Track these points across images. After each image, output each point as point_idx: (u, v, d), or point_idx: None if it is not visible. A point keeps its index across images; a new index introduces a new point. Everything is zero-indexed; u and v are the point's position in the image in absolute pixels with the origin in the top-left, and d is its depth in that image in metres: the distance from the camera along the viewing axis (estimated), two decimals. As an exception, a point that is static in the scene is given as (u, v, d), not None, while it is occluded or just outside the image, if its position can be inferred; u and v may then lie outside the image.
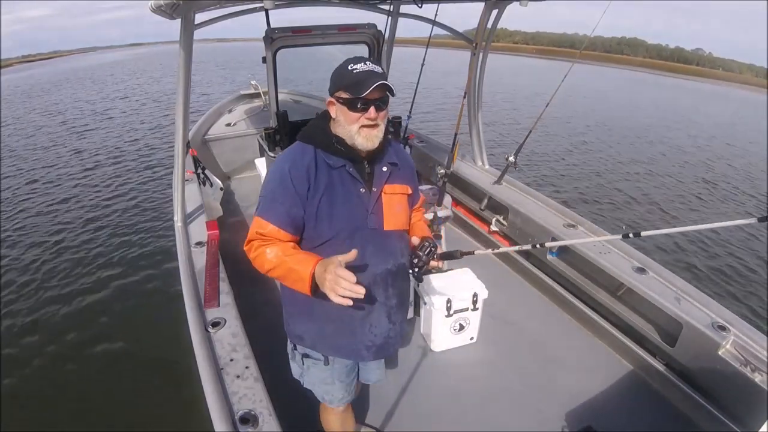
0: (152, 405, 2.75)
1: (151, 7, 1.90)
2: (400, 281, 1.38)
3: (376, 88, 1.14)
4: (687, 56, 69.93)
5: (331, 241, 1.24)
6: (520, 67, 31.01)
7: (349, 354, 1.40)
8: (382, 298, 1.32)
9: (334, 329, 1.34)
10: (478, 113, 3.40)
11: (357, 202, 1.26)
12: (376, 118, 1.20)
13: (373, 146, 1.23)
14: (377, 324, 1.35)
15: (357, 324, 1.33)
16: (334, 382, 1.48)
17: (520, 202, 3.06)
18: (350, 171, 1.25)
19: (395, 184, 1.33)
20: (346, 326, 1.33)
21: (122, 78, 23.97)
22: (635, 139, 11.16)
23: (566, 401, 2.12)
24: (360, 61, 1.19)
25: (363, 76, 1.15)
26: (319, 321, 1.34)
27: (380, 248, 1.29)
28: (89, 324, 3.63)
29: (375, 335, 1.35)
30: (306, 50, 3.17)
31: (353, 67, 1.18)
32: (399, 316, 1.42)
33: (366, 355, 1.38)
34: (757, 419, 1.53)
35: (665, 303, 2.08)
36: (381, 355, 1.42)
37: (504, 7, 2.90)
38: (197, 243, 2.36)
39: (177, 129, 2.42)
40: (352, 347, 1.37)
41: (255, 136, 4.40)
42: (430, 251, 1.30)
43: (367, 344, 1.36)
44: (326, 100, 1.28)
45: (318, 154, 1.26)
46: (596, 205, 6.53)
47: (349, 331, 1.34)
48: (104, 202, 6.17)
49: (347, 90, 1.17)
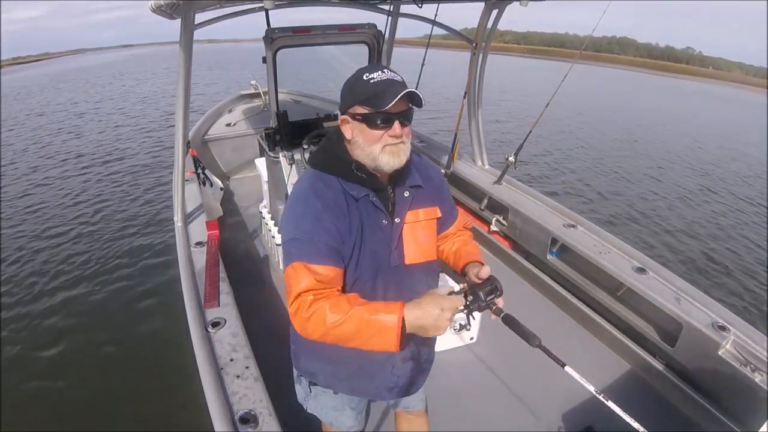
0: (152, 405, 2.75)
1: (151, 7, 1.90)
2: None
3: (400, 100, 0.96)
4: (677, 55, 70.15)
5: (352, 285, 1.08)
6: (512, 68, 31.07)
7: (369, 395, 1.31)
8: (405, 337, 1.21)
9: (352, 372, 1.22)
10: (478, 113, 3.40)
11: (381, 238, 1.09)
12: (401, 136, 1.01)
13: (400, 164, 1.05)
14: (400, 366, 1.22)
15: (377, 368, 1.21)
16: (345, 409, 1.36)
17: (520, 202, 3.06)
18: (374, 201, 1.07)
19: (419, 209, 1.15)
20: (365, 370, 1.21)
21: (115, 79, 23.91)
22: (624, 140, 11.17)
23: (566, 401, 2.11)
24: (376, 69, 1.01)
25: (383, 87, 0.97)
26: (334, 363, 1.21)
27: (402, 286, 1.13)
28: (89, 324, 3.63)
29: (398, 377, 1.23)
30: (306, 50, 3.17)
31: (369, 76, 1.00)
32: (423, 353, 1.28)
33: (387, 396, 1.27)
34: (757, 419, 1.53)
35: (665, 303, 2.08)
36: (404, 393, 1.30)
37: (504, 7, 2.90)
38: (197, 243, 2.36)
39: (177, 129, 2.42)
40: (372, 390, 1.27)
41: (255, 136, 4.39)
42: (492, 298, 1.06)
43: (389, 386, 1.24)
44: (337, 116, 1.11)
45: (341, 184, 1.07)
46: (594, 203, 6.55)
47: (369, 375, 1.22)
48: (104, 201, 6.16)
49: (365, 104, 0.99)
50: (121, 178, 7.12)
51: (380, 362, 1.19)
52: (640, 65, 50.85)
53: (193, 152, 3.60)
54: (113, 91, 18.54)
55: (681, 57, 68.76)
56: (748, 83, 43.22)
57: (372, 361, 1.18)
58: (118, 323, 3.63)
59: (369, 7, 3.06)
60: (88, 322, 3.65)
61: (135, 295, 3.98)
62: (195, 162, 3.42)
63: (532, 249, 2.97)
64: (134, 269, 4.39)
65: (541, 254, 2.87)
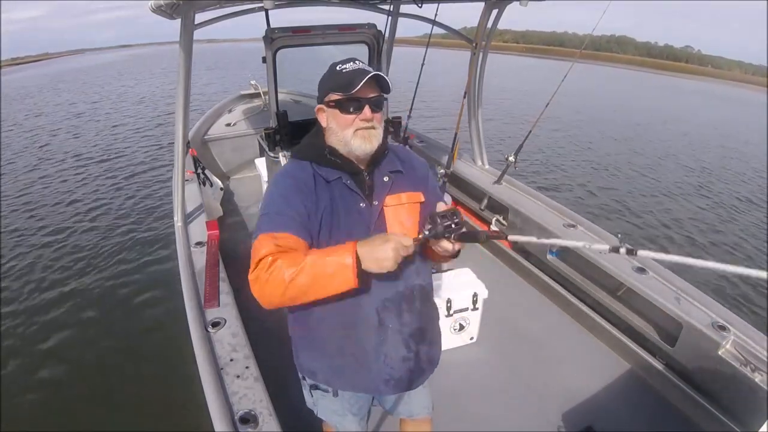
0: (152, 405, 2.75)
1: (151, 7, 1.90)
2: (418, 305, 1.22)
3: (369, 85, 1.06)
4: (676, 53, 70.31)
5: None
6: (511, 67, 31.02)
7: (367, 389, 1.28)
8: (395, 324, 1.18)
9: (348, 364, 1.21)
10: (478, 113, 3.40)
11: (357, 219, 1.12)
12: (372, 119, 1.10)
13: (372, 148, 1.11)
14: (393, 355, 1.20)
15: (371, 357, 1.19)
16: (346, 414, 1.36)
17: (520, 202, 3.06)
18: (347, 183, 1.13)
19: (400, 193, 1.18)
20: (360, 360, 1.20)
21: (114, 79, 23.92)
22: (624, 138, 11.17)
23: (566, 401, 2.12)
24: (349, 61, 1.11)
25: (354, 75, 1.07)
26: (331, 356, 1.22)
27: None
28: (88, 323, 3.63)
29: (392, 368, 1.21)
30: (306, 50, 3.17)
31: (342, 67, 1.10)
32: (422, 345, 1.25)
33: (384, 390, 1.24)
34: (757, 419, 1.53)
35: (665, 303, 2.08)
36: (402, 388, 1.26)
37: (504, 7, 2.90)
38: (197, 243, 2.36)
39: (177, 129, 2.42)
40: (369, 383, 1.24)
41: (255, 136, 4.40)
42: (450, 227, 0.99)
43: (384, 378, 1.21)
44: (315, 108, 1.18)
45: (314, 168, 1.15)
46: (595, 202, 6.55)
47: (365, 365, 1.20)
48: (104, 201, 6.16)
49: (338, 90, 1.08)
50: (119, 179, 7.12)
51: (372, 350, 1.18)
52: (639, 64, 50.96)
53: (193, 152, 3.60)
54: (111, 91, 18.60)
55: (680, 56, 68.97)
56: (748, 82, 43.35)
57: (363, 349, 1.18)
58: (116, 323, 3.63)
59: (369, 7, 3.07)
60: (87, 322, 3.65)
61: (134, 295, 3.97)
62: (195, 162, 3.42)
63: (532, 249, 2.97)
64: (133, 269, 4.39)
65: (541, 254, 2.87)
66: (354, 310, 1.14)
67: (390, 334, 1.18)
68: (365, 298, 1.13)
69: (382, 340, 1.17)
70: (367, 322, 1.16)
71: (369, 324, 1.16)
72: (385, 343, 1.18)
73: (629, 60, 54.84)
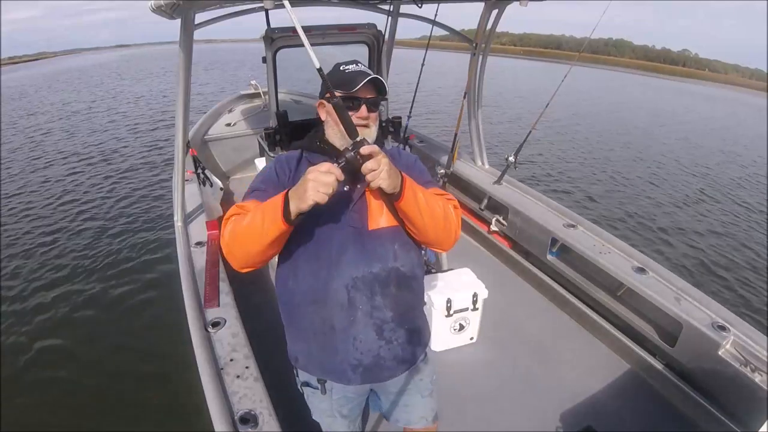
0: (152, 405, 2.75)
1: (151, 7, 1.90)
2: (394, 290, 1.20)
3: (367, 87, 1.16)
4: (673, 57, 70.51)
5: (306, 240, 1.16)
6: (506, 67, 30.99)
7: (334, 375, 1.24)
8: (365, 306, 1.17)
9: (319, 343, 1.21)
10: (478, 113, 3.40)
11: (338, 200, 1.12)
12: (367, 118, 1.19)
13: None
14: (363, 339, 1.18)
15: (339, 337, 1.18)
16: (335, 415, 1.33)
17: (520, 202, 3.06)
18: None
19: None
20: (328, 341, 1.19)
21: (110, 78, 23.89)
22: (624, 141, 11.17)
23: (566, 401, 2.12)
24: (351, 63, 1.21)
25: (354, 75, 1.16)
26: (305, 337, 1.24)
27: (362, 249, 1.16)
28: (88, 323, 3.63)
29: (361, 353, 1.18)
30: (306, 50, 3.16)
31: (345, 67, 1.20)
32: (397, 334, 1.22)
33: (352, 377, 1.21)
34: (757, 419, 1.52)
35: (665, 303, 2.08)
36: (370, 378, 1.23)
37: (504, 7, 2.90)
38: (197, 243, 2.36)
39: (177, 129, 2.42)
40: (336, 367, 1.21)
41: (255, 136, 4.40)
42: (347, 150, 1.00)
43: (352, 363, 1.19)
44: (316, 102, 1.26)
45: (304, 155, 1.26)
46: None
47: (333, 347, 1.19)
48: (103, 201, 6.16)
49: (339, 88, 1.15)
50: (119, 179, 7.12)
51: (341, 330, 1.17)
52: (636, 67, 51.02)
53: (193, 152, 3.60)
54: (108, 91, 18.57)
55: (677, 59, 69.13)
56: (744, 85, 43.43)
57: (333, 328, 1.18)
58: (116, 323, 3.63)
59: (369, 7, 3.07)
60: (86, 321, 3.65)
61: (134, 295, 3.98)
62: (195, 162, 3.42)
63: (532, 249, 2.97)
64: (133, 269, 4.39)
65: (541, 254, 2.87)
66: (324, 285, 1.16)
67: (360, 315, 1.17)
68: (335, 274, 1.14)
69: (351, 321, 1.17)
70: (335, 299, 1.16)
71: (337, 301, 1.16)
72: (355, 325, 1.17)
73: (627, 63, 54.95)
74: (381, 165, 0.99)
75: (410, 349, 1.27)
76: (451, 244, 1.26)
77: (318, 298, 1.18)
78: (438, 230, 1.19)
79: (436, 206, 1.17)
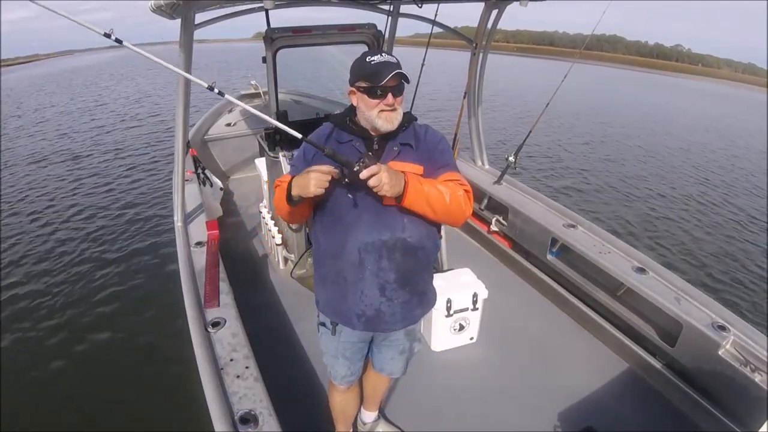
0: (152, 405, 2.75)
1: (151, 7, 1.90)
2: (399, 257, 1.35)
3: (392, 77, 1.25)
4: (666, 52, 70.26)
5: (334, 207, 1.34)
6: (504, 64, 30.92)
7: (343, 319, 1.45)
8: (373, 267, 1.34)
9: (334, 291, 1.42)
10: (478, 113, 3.40)
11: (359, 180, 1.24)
12: (393, 104, 1.30)
13: (392, 128, 1.32)
14: (368, 294, 1.37)
15: (350, 288, 1.38)
16: (338, 357, 1.54)
17: (520, 202, 3.06)
18: (356, 146, 1.35)
19: (404, 162, 1.34)
20: (341, 290, 1.40)
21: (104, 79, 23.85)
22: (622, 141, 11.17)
23: (566, 401, 2.12)
24: (376, 53, 1.31)
25: (380, 67, 1.25)
26: (325, 284, 1.45)
27: (377, 218, 1.32)
28: (88, 323, 3.63)
29: (366, 305, 1.38)
30: (306, 50, 3.17)
31: (371, 58, 1.29)
32: (397, 294, 1.39)
33: (356, 324, 1.42)
34: (757, 419, 1.53)
35: (665, 303, 2.08)
36: (371, 327, 1.43)
37: (504, 7, 2.91)
38: (197, 243, 2.36)
39: (177, 129, 2.42)
40: (345, 313, 1.42)
41: (255, 136, 4.40)
42: (360, 160, 1.15)
43: (357, 312, 1.40)
44: (347, 90, 1.37)
45: (334, 131, 1.41)
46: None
47: (344, 295, 1.40)
48: (103, 201, 6.17)
49: (366, 79, 1.27)
50: (119, 179, 7.12)
51: (351, 283, 1.37)
52: (629, 63, 50.90)
53: (193, 152, 3.60)
54: (104, 91, 18.55)
55: (670, 54, 68.91)
56: (737, 80, 43.42)
57: (345, 280, 1.38)
58: (116, 323, 3.63)
59: (369, 7, 3.07)
60: (86, 321, 3.65)
61: (134, 295, 3.98)
62: (195, 162, 3.43)
63: (532, 249, 2.97)
64: (134, 269, 4.39)
65: (541, 254, 2.87)
66: (341, 244, 1.35)
67: (368, 275, 1.35)
68: (350, 237, 1.33)
69: (360, 277, 1.36)
70: (349, 258, 1.34)
71: (350, 260, 1.35)
72: (363, 281, 1.36)
73: (620, 59, 54.83)
74: (381, 181, 1.15)
75: (409, 309, 1.45)
76: (460, 223, 1.42)
77: (336, 254, 1.37)
78: (447, 214, 1.33)
79: (443, 196, 1.29)
